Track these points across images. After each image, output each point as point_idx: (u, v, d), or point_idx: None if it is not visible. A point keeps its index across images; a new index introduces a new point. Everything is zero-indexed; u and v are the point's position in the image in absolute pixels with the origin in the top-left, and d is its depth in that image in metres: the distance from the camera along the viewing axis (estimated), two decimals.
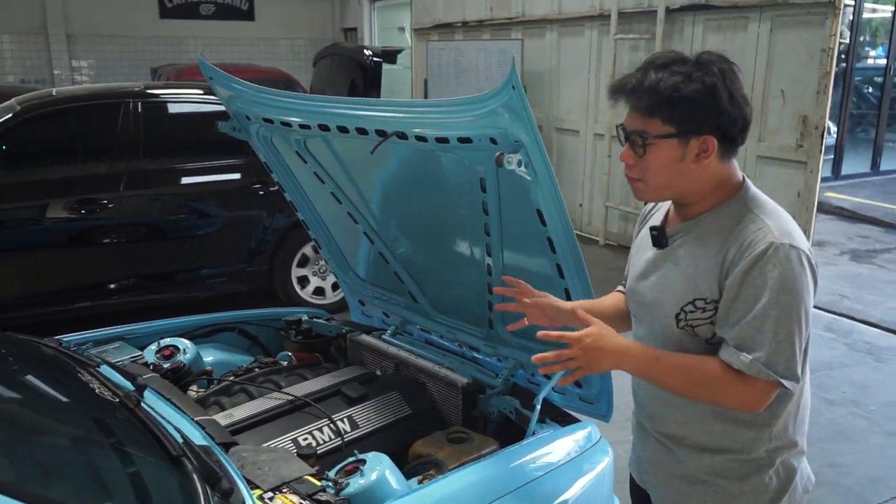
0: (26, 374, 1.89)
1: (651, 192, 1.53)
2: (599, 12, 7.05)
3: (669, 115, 1.42)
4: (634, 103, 1.45)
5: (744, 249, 1.41)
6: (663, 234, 1.57)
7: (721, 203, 1.51)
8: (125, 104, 4.59)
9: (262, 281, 4.98)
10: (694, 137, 1.44)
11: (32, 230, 4.37)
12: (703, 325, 1.48)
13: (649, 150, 1.46)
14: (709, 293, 1.46)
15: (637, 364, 1.51)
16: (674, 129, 1.43)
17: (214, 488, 1.54)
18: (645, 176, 1.49)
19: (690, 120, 1.43)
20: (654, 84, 1.42)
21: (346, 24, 13.12)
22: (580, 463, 2.08)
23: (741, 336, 1.40)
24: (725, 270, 1.43)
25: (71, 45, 11.40)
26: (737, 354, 1.40)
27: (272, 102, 2.48)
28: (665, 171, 1.47)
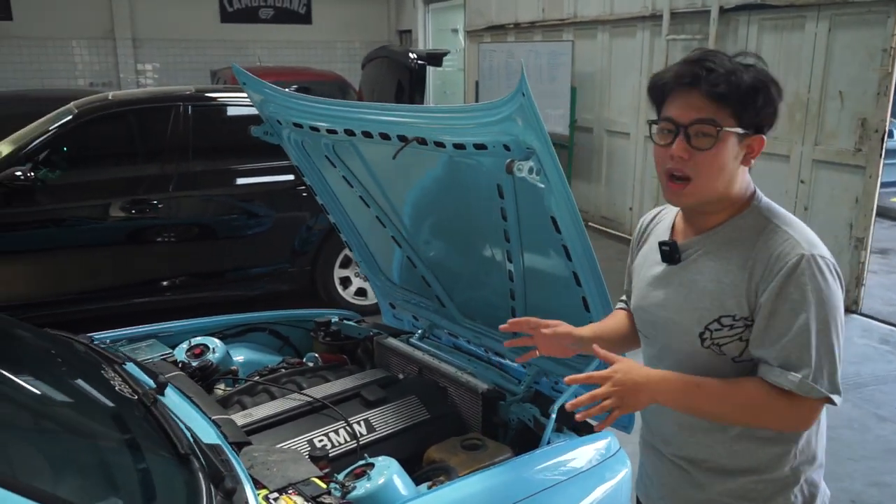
0: (52, 370, 1.96)
1: (693, 195, 1.40)
2: (651, 13, 6.93)
3: (742, 106, 1.34)
4: (709, 89, 1.33)
5: (773, 263, 1.34)
6: (676, 248, 1.48)
7: (737, 214, 1.44)
8: (176, 107, 4.73)
9: (305, 281, 5.06)
10: (752, 136, 1.37)
11: (88, 229, 4.54)
12: (731, 343, 1.40)
13: (718, 143, 1.34)
14: (737, 310, 1.38)
15: (676, 394, 1.40)
16: (739, 123, 1.35)
17: (218, 487, 1.58)
18: (698, 174, 1.37)
19: (757, 116, 1.35)
20: (733, 71, 1.33)
21: (401, 26, 13.21)
22: (595, 474, 2.04)
23: (785, 355, 1.33)
24: (755, 286, 1.36)
25: (136, 50, 11.81)
26: (784, 374, 1.32)
27: (300, 107, 2.52)
28: (722, 171, 1.37)
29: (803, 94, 5.54)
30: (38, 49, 11.27)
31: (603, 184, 7.91)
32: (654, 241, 1.57)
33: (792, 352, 1.32)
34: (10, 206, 4.31)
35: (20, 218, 4.37)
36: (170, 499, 1.53)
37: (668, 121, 1.39)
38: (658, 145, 1.42)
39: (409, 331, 3.05)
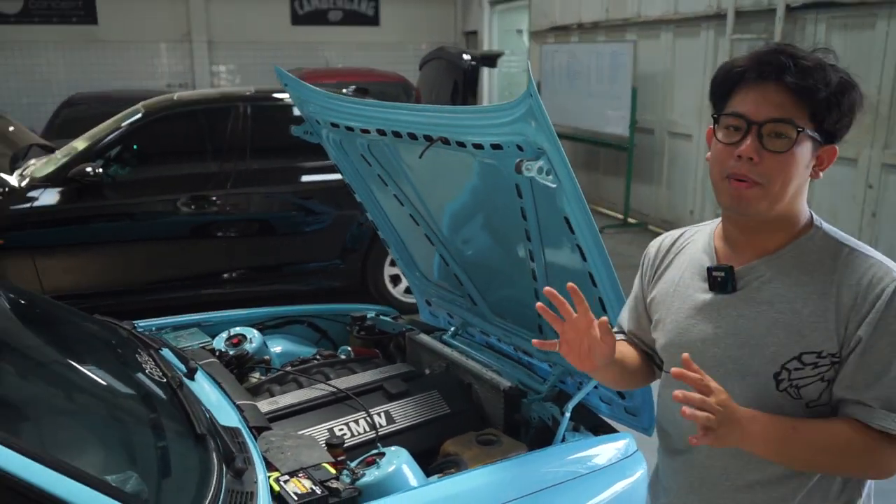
0: (93, 352, 2.11)
1: (760, 201, 1.22)
2: (716, 11, 6.77)
3: (827, 107, 1.18)
4: (797, 81, 1.17)
5: (864, 291, 1.18)
6: (732, 274, 1.29)
7: (801, 234, 1.26)
8: (236, 107, 4.93)
9: (356, 278, 5.18)
10: (829, 144, 1.22)
11: (151, 223, 4.78)
12: (812, 384, 1.22)
13: (795, 146, 1.19)
14: (823, 345, 1.20)
15: (769, 434, 1.19)
16: (817, 127, 1.19)
17: (229, 466, 1.67)
18: (767, 179, 1.20)
19: (838, 121, 1.20)
20: (822, 66, 1.17)
21: (468, 27, 13.28)
22: (609, 473, 2.05)
23: (888, 395, 1.17)
24: (844, 318, 1.19)
25: (211, 52, 12.28)
26: (890, 417, 1.17)
27: (336, 107, 2.61)
28: (793, 179, 1.20)
29: (873, 95, 5.31)
30: (121, 51, 11.85)
31: (664, 186, 7.78)
32: (689, 268, 1.39)
33: (894, 392, 1.17)
34: (80, 201, 4.57)
35: (89, 212, 4.63)
36: (183, 474, 1.63)
37: (738, 116, 1.21)
38: (721, 143, 1.24)
39: (444, 328, 3.10)
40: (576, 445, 2.08)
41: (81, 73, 11.55)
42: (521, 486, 1.85)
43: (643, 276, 1.52)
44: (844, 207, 5.63)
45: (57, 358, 1.96)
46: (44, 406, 1.69)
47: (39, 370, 1.84)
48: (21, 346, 1.94)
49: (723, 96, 1.27)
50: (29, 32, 11.39)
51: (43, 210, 4.51)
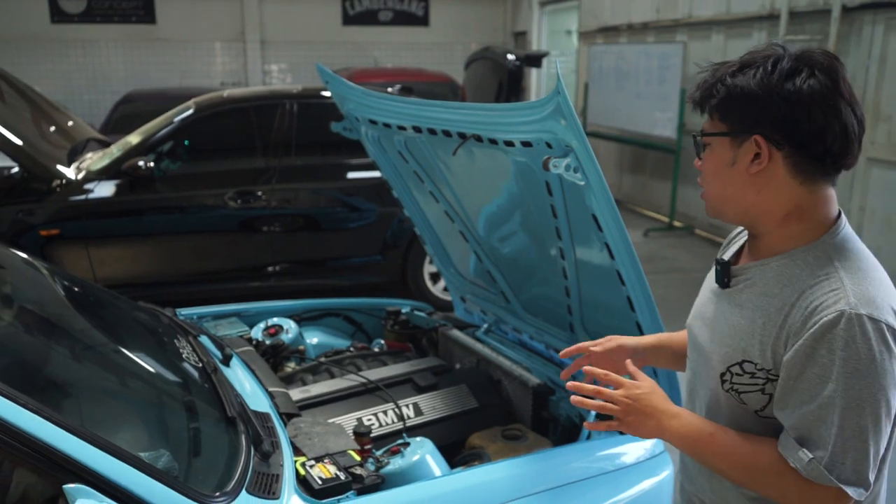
0: (135, 336, 2.20)
1: (708, 204, 1.32)
2: (769, 12, 6.64)
3: (719, 109, 1.24)
4: (690, 98, 1.32)
5: (808, 315, 1.15)
6: (727, 271, 1.33)
7: (798, 245, 1.24)
8: (282, 105, 5.04)
9: (396, 274, 5.24)
10: (747, 139, 1.21)
11: (199, 216, 4.92)
12: (752, 394, 1.24)
13: (705, 150, 1.30)
14: (760, 358, 1.22)
15: (684, 438, 1.28)
16: (725, 127, 1.24)
17: (257, 449, 1.73)
18: (704, 183, 1.32)
19: (741, 116, 1.22)
20: (707, 75, 1.27)
21: (517, 28, 13.26)
22: (634, 472, 2.05)
23: (801, 426, 1.16)
24: (784, 338, 1.18)
25: (264, 51, 12.53)
26: (795, 450, 1.16)
27: (374, 104, 2.66)
28: (717, 178, 1.28)
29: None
30: (177, 50, 12.18)
31: None
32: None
33: (809, 425, 1.15)
34: (132, 194, 4.74)
35: (141, 205, 4.80)
36: (213, 453, 1.70)
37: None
38: None
39: (477, 324, 3.13)
40: (601, 443, 2.09)
41: (139, 71, 11.93)
42: (543, 480, 1.86)
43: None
44: None
45: (100, 339, 2.05)
46: (87, 384, 1.78)
47: (84, 351, 1.93)
48: (69, 328, 2.04)
49: None
50: (91, 31, 11.81)
51: (97, 202, 4.69)
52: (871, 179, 5.73)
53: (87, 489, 1.30)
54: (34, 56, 11.59)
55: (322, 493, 1.69)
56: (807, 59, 1.19)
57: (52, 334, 1.91)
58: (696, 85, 1.29)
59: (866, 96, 5.70)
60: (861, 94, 5.72)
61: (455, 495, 1.80)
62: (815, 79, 1.16)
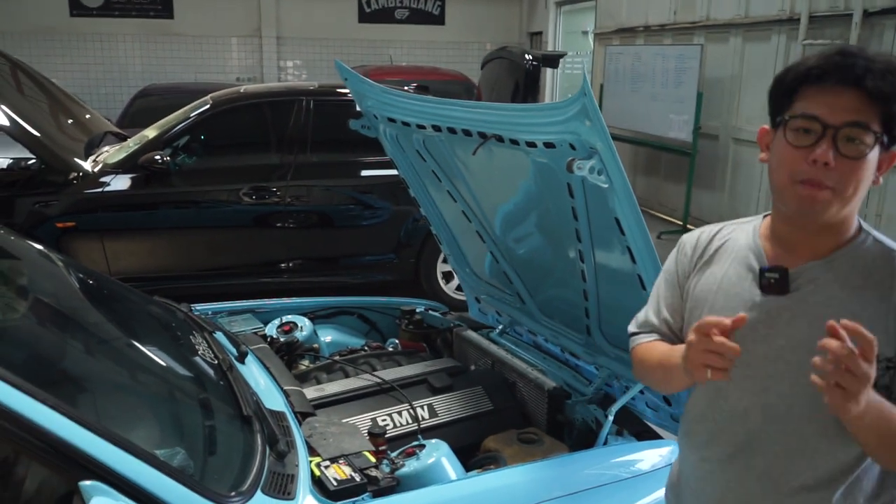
0: (151, 331, 2.19)
1: (835, 207, 1.20)
2: (789, 16, 6.58)
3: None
4: (876, 86, 1.15)
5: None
6: (786, 277, 1.26)
7: (854, 238, 1.26)
8: (299, 101, 5.03)
9: (409, 273, 5.22)
10: (891, 150, 1.20)
11: (214, 211, 4.93)
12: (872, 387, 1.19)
13: (870, 151, 1.17)
14: (884, 350, 1.16)
15: (882, 413, 1.15)
16: (887, 132, 1.18)
17: (273, 448, 1.71)
18: (844, 183, 1.18)
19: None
20: (893, 68, 1.15)
21: (533, 28, 13.21)
22: (650, 479, 2.02)
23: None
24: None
25: (280, 47, 12.54)
26: None
27: (394, 102, 2.65)
28: (863, 184, 1.19)
29: None
30: (194, 45, 12.22)
31: (726, 194, 7.60)
32: (733, 266, 1.35)
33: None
34: (148, 188, 4.74)
35: (156, 199, 4.80)
36: (228, 452, 1.68)
37: (812, 119, 1.18)
38: (791, 146, 1.21)
39: (492, 325, 3.11)
40: (618, 449, 2.07)
41: (156, 66, 11.97)
42: (559, 486, 1.84)
43: (679, 270, 1.46)
44: None
45: (116, 334, 2.04)
46: (102, 379, 1.77)
47: (100, 346, 1.92)
48: (85, 321, 2.04)
49: (787, 97, 1.24)
50: (109, 25, 11.86)
51: (113, 195, 4.70)
52: (889, 187, 5.67)
53: (103, 486, 1.29)
54: (52, 49, 11.65)
55: (337, 494, 1.68)
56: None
57: (68, 328, 1.91)
58: (892, 80, 1.15)
59: None
60: None
61: (471, 499, 1.79)
62: None
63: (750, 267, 1.33)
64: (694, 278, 1.42)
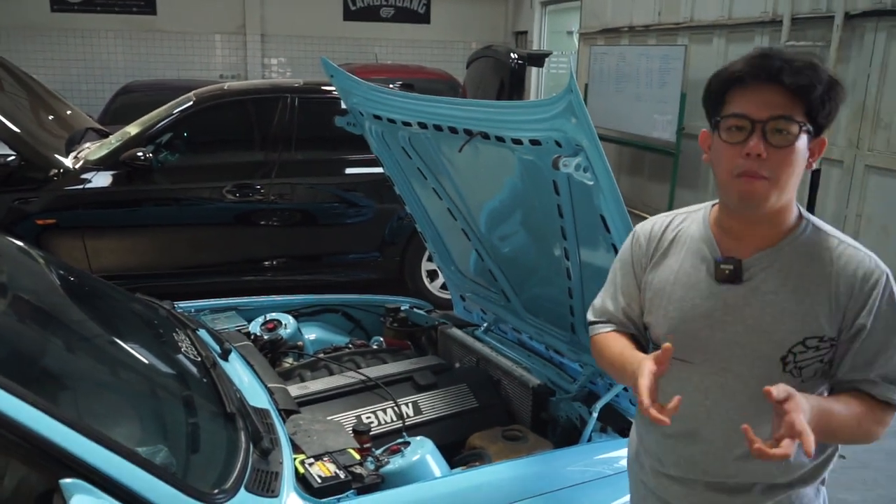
0: (133, 329, 2.17)
1: (772, 196, 1.30)
2: (772, 17, 6.63)
3: (821, 103, 1.26)
4: (793, 81, 1.25)
5: (860, 282, 1.31)
6: (740, 267, 1.36)
7: (796, 227, 1.36)
8: (283, 98, 5.00)
9: (394, 271, 5.21)
10: (820, 137, 1.31)
11: (197, 209, 4.89)
12: (812, 365, 1.34)
13: (797, 140, 1.27)
14: (825, 331, 1.32)
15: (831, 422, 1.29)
16: (811, 121, 1.28)
17: (256, 445, 1.70)
18: (776, 173, 1.27)
19: (828, 116, 1.29)
20: (813, 65, 1.27)
21: (518, 27, 13.23)
22: None
23: (887, 371, 1.33)
24: (843, 306, 1.32)
25: (264, 44, 12.46)
26: (891, 389, 1.33)
27: (379, 99, 2.64)
28: (795, 171, 1.29)
29: None
30: (177, 42, 12.10)
31: (709, 194, 7.64)
32: (688, 257, 1.43)
33: (892, 369, 1.33)
34: (130, 185, 4.70)
35: (138, 196, 4.76)
36: (212, 449, 1.67)
37: (741, 117, 1.28)
38: (726, 143, 1.30)
39: (477, 323, 3.11)
40: (602, 446, 2.07)
41: (139, 62, 11.84)
42: (544, 482, 1.84)
43: (635, 261, 1.53)
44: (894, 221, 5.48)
45: (98, 332, 2.02)
46: (84, 377, 1.75)
47: (81, 343, 1.90)
48: (67, 319, 2.01)
49: (718, 100, 1.34)
50: (91, 21, 11.72)
51: (94, 192, 4.65)
52: (869, 187, 5.73)
53: (84, 484, 1.28)
54: (33, 45, 11.50)
55: (321, 491, 1.67)
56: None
57: (49, 325, 1.88)
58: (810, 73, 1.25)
59: (866, 103, 5.70)
60: (861, 102, 5.72)
61: (456, 496, 1.78)
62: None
63: (704, 258, 1.41)
64: (651, 271, 1.50)
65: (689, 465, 1.47)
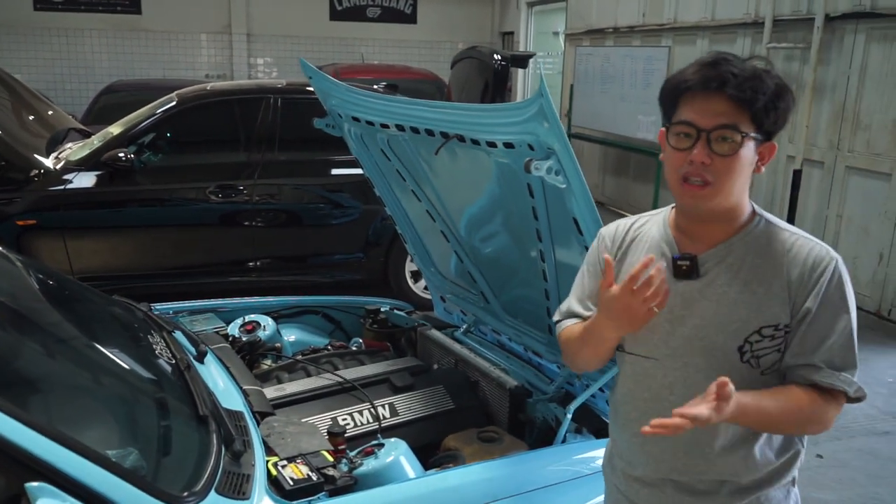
0: (108, 331, 2.16)
1: (714, 198, 1.35)
2: (754, 19, 6.68)
3: (765, 111, 1.31)
4: (735, 93, 1.29)
5: (810, 269, 1.35)
6: (696, 263, 1.41)
7: (749, 223, 1.41)
8: (266, 99, 4.99)
9: (377, 272, 5.22)
10: (769, 142, 1.36)
11: (179, 209, 4.87)
12: (769, 354, 1.37)
13: (741, 148, 1.31)
14: (779, 318, 1.36)
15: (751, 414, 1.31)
16: (758, 129, 1.33)
17: (228, 448, 1.70)
18: (719, 179, 1.32)
19: (776, 122, 1.34)
20: (757, 75, 1.31)
21: (505, 28, 13.26)
22: None
23: (831, 357, 1.34)
24: (794, 292, 1.35)
25: (250, 44, 12.42)
26: (835, 375, 1.34)
27: (357, 101, 2.64)
28: (739, 177, 1.34)
29: None
30: (162, 41, 12.04)
31: None
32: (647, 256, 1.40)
33: (837, 353, 1.35)
34: (112, 185, 4.67)
35: (120, 196, 4.73)
36: (183, 452, 1.67)
37: (687, 124, 1.33)
38: (674, 149, 1.36)
39: (457, 325, 3.12)
40: (576, 447, 2.09)
41: (123, 62, 11.78)
42: (516, 483, 1.85)
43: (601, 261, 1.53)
44: (875, 222, 5.53)
45: (71, 334, 2.01)
46: (54, 380, 1.74)
47: (53, 345, 1.89)
48: (38, 321, 2.00)
49: (672, 105, 1.39)
50: (75, 20, 11.65)
51: (75, 193, 4.62)
52: (849, 188, 5.79)
53: (49, 488, 1.27)
54: (16, 44, 11.41)
55: (293, 493, 1.67)
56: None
57: (19, 327, 1.87)
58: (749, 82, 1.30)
59: (846, 105, 5.75)
60: (841, 103, 5.77)
61: (428, 497, 1.79)
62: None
63: (663, 255, 1.46)
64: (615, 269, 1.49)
65: (657, 465, 1.49)
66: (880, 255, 5.46)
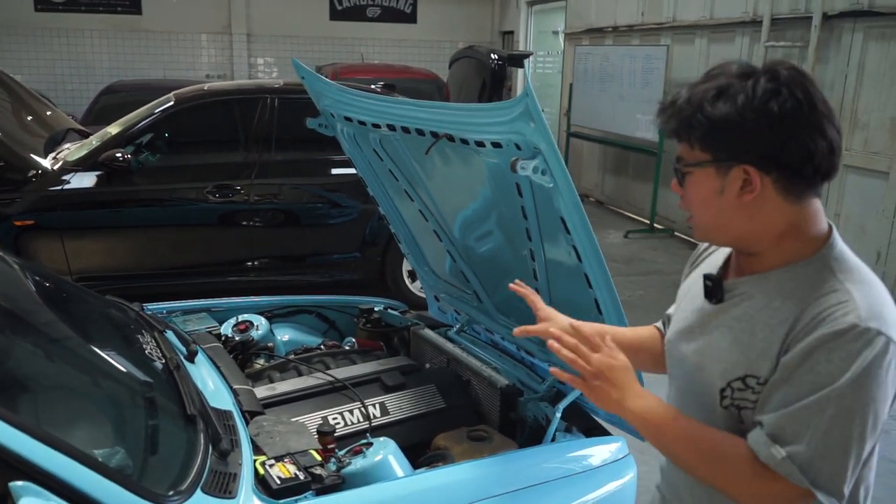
0: (100, 330, 2.17)
1: (700, 232, 1.30)
2: (752, 18, 6.68)
3: (699, 138, 1.20)
4: (663, 126, 1.26)
5: (816, 323, 1.13)
6: (720, 286, 1.30)
7: (797, 259, 1.22)
8: (263, 99, 5.00)
9: (374, 271, 5.22)
10: (734, 167, 1.18)
11: (176, 210, 4.88)
12: (750, 409, 1.21)
13: (687, 179, 1.25)
14: (765, 372, 1.18)
15: (645, 415, 1.25)
16: (708, 156, 1.20)
17: (216, 447, 1.71)
18: (692, 211, 1.28)
19: (722, 146, 1.18)
20: (682, 102, 1.20)
21: (505, 27, 13.26)
22: (597, 475, 2.05)
23: (780, 425, 1.13)
24: (786, 345, 1.16)
25: (250, 44, 12.45)
26: (768, 446, 1.13)
27: (349, 101, 2.65)
28: (706, 208, 1.24)
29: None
30: (163, 42, 12.07)
31: None
32: (702, 272, 1.39)
33: (788, 424, 1.12)
34: (109, 185, 4.69)
35: (118, 196, 4.75)
36: (170, 451, 1.68)
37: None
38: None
39: (450, 324, 3.12)
40: (565, 446, 2.09)
41: (124, 62, 11.81)
42: (504, 482, 1.86)
43: (684, 273, 1.54)
44: (872, 221, 5.53)
45: (61, 334, 2.02)
46: (42, 380, 1.76)
47: (42, 344, 1.90)
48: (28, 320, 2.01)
49: None
50: (76, 20, 11.67)
51: (73, 193, 4.64)
52: (847, 186, 5.78)
53: (34, 487, 1.28)
54: (17, 44, 11.44)
55: (280, 492, 1.68)
56: (781, 78, 1.15)
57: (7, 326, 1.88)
58: (670, 111, 1.22)
59: (844, 103, 5.75)
60: (839, 102, 5.77)
61: (416, 496, 1.80)
62: (794, 99, 1.14)
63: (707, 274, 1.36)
64: (682, 285, 1.51)
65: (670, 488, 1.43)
66: (878, 253, 5.46)
